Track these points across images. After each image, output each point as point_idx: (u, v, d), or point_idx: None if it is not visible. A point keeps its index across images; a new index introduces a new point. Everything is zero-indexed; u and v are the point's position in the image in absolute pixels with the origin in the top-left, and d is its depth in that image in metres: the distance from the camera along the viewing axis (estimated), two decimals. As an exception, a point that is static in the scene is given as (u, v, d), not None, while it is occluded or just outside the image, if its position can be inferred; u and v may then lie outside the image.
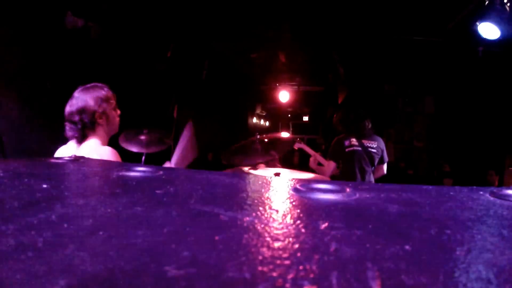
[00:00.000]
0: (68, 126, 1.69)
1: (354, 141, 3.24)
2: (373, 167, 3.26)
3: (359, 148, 3.22)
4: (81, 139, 1.70)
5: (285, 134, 5.32)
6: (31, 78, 2.99)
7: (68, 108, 1.69)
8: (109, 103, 1.75)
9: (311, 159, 3.46)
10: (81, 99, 1.68)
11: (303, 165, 5.52)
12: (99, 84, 1.78)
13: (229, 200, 0.44)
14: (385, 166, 3.39)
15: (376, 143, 3.27)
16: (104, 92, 1.74)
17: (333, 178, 3.22)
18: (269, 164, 3.13)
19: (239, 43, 5.52)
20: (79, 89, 1.72)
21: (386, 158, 3.34)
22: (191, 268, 0.23)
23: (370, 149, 3.22)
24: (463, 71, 5.59)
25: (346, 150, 3.23)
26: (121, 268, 0.22)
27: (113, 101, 1.78)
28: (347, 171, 3.24)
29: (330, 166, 3.30)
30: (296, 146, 3.57)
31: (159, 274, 0.22)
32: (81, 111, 1.67)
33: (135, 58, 4.21)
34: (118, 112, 1.83)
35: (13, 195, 0.41)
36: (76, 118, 1.66)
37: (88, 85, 1.75)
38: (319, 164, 3.44)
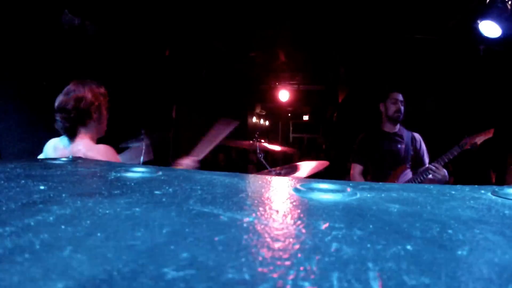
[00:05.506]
0: (59, 116, 1.66)
1: (390, 136, 2.70)
2: (409, 164, 2.73)
3: (401, 146, 2.66)
4: (72, 133, 1.67)
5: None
6: (27, 77, 2.98)
7: (62, 98, 1.66)
8: (105, 100, 1.76)
9: None
10: (80, 89, 1.67)
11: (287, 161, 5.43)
12: (95, 82, 1.78)
13: (229, 200, 0.44)
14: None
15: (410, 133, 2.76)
16: (102, 89, 1.75)
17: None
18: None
19: (238, 42, 5.51)
20: (75, 81, 1.70)
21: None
22: (191, 270, 0.23)
23: (409, 145, 2.73)
24: (464, 70, 5.59)
25: (383, 148, 2.69)
26: (120, 270, 0.22)
27: (106, 100, 1.79)
28: (379, 174, 2.68)
29: (355, 170, 2.75)
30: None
31: (158, 276, 0.22)
32: (79, 99, 1.64)
33: (133, 57, 4.20)
34: (107, 115, 1.82)
35: (10, 197, 0.41)
36: (71, 106, 1.63)
37: (85, 80, 1.74)
38: None
